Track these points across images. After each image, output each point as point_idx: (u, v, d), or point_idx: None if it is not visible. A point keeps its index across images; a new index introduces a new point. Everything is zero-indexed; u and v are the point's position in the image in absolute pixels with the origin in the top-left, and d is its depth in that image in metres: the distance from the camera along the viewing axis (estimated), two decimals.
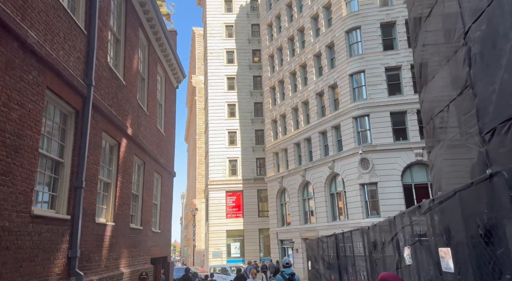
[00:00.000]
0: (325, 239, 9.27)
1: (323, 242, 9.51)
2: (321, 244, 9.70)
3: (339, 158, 23.87)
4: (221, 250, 34.88)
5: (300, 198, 27.96)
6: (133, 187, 10.37)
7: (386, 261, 6.00)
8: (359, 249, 7.33)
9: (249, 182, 36.84)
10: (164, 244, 13.85)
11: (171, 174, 15.19)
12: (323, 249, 9.48)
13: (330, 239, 8.83)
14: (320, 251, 9.72)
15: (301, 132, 28.09)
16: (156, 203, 13.26)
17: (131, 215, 10.33)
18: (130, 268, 9.54)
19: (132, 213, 10.33)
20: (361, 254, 7.13)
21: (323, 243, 9.48)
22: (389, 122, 22.07)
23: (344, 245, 8.04)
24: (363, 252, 6.94)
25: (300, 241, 26.96)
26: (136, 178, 10.87)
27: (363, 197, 22.14)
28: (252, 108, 38.91)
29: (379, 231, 6.26)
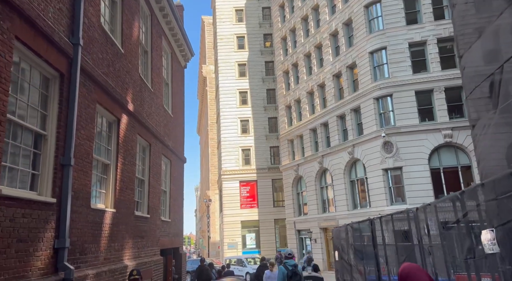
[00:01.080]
0: (357, 225, 8.02)
1: (354, 228, 8.26)
2: (351, 231, 8.45)
3: (360, 142, 22.43)
4: (236, 241, 33.99)
5: (317, 186, 26.68)
6: (137, 170, 9.29)
7: (446, 248, 4.69)
8: (403, 235, 6.03)
9: (263, 172, 35.71)
10: (175, 234, 12.83)
11: (181, 160, 14.10)
12: (354, 237, 8.23)
13: (364, 225, 7.57)
14: (351, 239, 8.48)
15: (318, 117, 26.68)
16: (165, 190, 12.20)
17: (136, 202, 9.27)
18: (136, 261, 8.50)
19: (137, 200, 9.27)
20: (407, 242, 5.83)
21: (354, 230, 8.22)
22: (414, 102, 20.48)
23: (382, 231, 6.74)
24: (411, 239, 5.63)
25: (318, 231, 25.76)
26: (141, 161, 9.78)
27: (387, 183, 20.71)
28: (265, 95, 37.57)
29: (435, 211, 4.96)
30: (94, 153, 6.86)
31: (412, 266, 2.55)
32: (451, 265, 4.86)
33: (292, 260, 7.40)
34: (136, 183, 9.31)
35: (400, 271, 2.55)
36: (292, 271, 7.06)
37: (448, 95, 20.09)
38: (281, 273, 7.16)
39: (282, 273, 7.13)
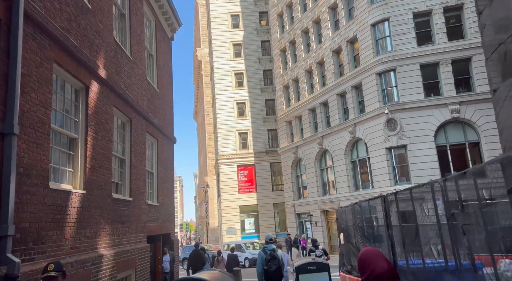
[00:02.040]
0: (366, 204, 6.99)
1: (362, 208, 7.24)
2: (358, 211, 7.43)
3: (361, 121, 21.33)
4: (235, 226, 33.26)
5: (317, 168, 25.70)
6: (115, 148, 8.19)
7: (488, 226, 3.66)
8: (427, 213, 5.00)
9: (261, 155, 34.71)
10: (165, 220, 11.83)
11: (170, 140, 12.99)
12: (363, 217, 7.21)
13: (374, 203, 6.54)
14: (358, 220, 7.46)
15: (317, 96, 25.48)
16: (152, 172, 11.12)
17: (115, 183, 8.20)
18: (116, 249, 7.48)
19: (116, 181, 8.20)
20: (431, 222, 4.81)
21: (363, 210, 7.20)
22: (419, 76, 19.30)
23: (399, 209, 5.70)
24: (437, 218, 4.59)
25: (318, 214, 24.93)
26: (120, 138, 8.67)
27: (390, 162, 19.72)
28: (261, 76, 36.23)
29: (474, 182, 3.89)
30: (54, 123, 5.74)
31: (372, 250, 2.44)
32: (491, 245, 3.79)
33: (272, 245, 7.59)
34: (114, 162, 8.22)
35: (359, 256, 2.45)
36: (270, 255, 7.24)
37: (455, 68, 18.90)
38: (259, 257, 7.39)
39: (261, 258, 7.34)
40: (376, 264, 2.36)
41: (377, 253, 2.46)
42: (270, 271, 7.06)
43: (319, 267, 6.88)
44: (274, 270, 6.99)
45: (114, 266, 7.19)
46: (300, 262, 7.33)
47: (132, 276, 8.36)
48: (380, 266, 2.34)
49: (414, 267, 5.53)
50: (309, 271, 6.77)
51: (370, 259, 2.42)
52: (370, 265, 2.37)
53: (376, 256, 2.42)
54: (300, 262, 7.33)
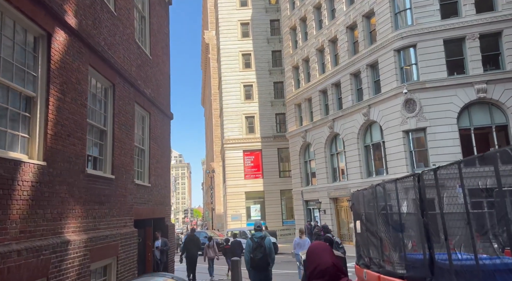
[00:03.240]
0: (391, 185, 5.64)
1: (386, 190, 5.88)
2: (381, 194, 6.07)
3: (377, 102, 19.77)
4: (240, 212, 32.23)
5: (327, 153, 24.29)
6: (91, 115, 6.93)
7: None
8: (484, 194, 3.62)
9: (268, 140, 33.36)
10: (159, 202, 10.65)
11: (165, 115, 11.71)
12: (387, 201, 5.86)
13: (404, 184, 5.17)
14: (380, 205, 6.11)
15: (328, 76, 23.88)
16: (143, 148, 9.89)
17: (92, 158, 6.97)
18: (90, 234, 6.29)
19: (92, 154, 6.96)
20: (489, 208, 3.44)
21: (387, 193, 5.85)
22: (442, 52, 17.59)
23: (439, 192, 4.34)
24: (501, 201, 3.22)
25: (328, 201, 23.65)
26: (100, 105, 7.40)
27: (407, 146, 18.22)
28: (270, 58, 34.60)
29: None
30: (1, 75, 4.48)
31: (319, 245, 2.40)
32: None
33: (260, 232, 7.48)
34: (92, 132, 6.97)
35: (307, 251, 2.43)
36: (257, 243, 7.17)
37: (483, 43, 17.14)
38: (247, 245, 7.32)
39: (248, 245, 7.27)
40: (321, 259, 2.25)
41: (324, 248, 2.37)
42: (255, 259, 6.98)
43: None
44: (260, 258, 6.90)
45: (86, 254, 6.00)
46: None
47: (112, 266, 7.19)
48: (325, 261, 2.23)
49: (461, 264, 4.18)
50: None
51: (315, 253, 2.32)
52: (315, 260, 2.27)
53: (322, 251, 2.32)
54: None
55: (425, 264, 4.84)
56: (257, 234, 7.34)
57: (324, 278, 2.16)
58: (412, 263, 5.31)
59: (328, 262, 2.20)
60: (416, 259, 5.23)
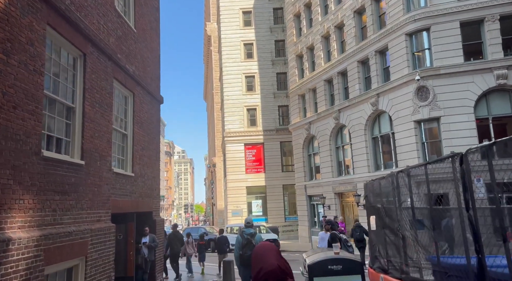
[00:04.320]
0: (420, 170, 4.38)
1: (414, 177, 4.65)
2: (405, 184, 4.84)
3: (386, 90, 18.47)
4: (241, 208, 31.08)
5: (332, 146, 23.04)
6: (50, 86, 5.76)
7: None
8: None
9: (270, 133, 32.12)
10: (145, 194, 9.49)
11: (153, 98, 10.52)
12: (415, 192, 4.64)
13: (440, 169, 3.94)
14: (404, 196, 4.90)
15: (334, 64, 22.57)
16: (125, 133, 8.71)
17: (52, 138, 5.81)
18: (45, 230, 5.14)
19: (52, 134, 5.80)
20: None
21: (415, 181, 4.62)
22: (458, 36, 16.23)
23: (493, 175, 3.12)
24: None
25: (332, 197, 22.44)
26: (66, 76, 6.21)
27: (419, 137, 16.94)
28: (273, 47, 33.25)
29: None
30: None
31: (264, 246, 2.30)
32: None
33: (251, 229, 7.38)
34: (52, 107, 5.80)
35: (252, 252, 2.25)
36: (246, 239, 7.07)
37: (504, 25, 15.76)
38: (237, 241, 7.25)
39: (238, 242, 7.20)
40: (266, 262, 2.13)
41: (269, 249, 2.24)
42: (244, 256, 6.79)
43: (347, 267, 4.36)
44: (249, 255, 6.39)
45: (37, 255, 4.85)
46: (314, 257, 4.76)
47: (80, 268, 6.04)
48: (269, 263, 2.10)
49: None
50: (330, 273, 4.28)
51: (260, 255, 2.19)
52: (259, 263, 2.14)
53: (266, 253, 2.20)
54: (314, 257, 4.76)
55: (470, 271, 3.64)
56: (247, 231, 7.24)
57: (269, 280, 1.93)
58: (448, 269, 4.10)
59: (273, 264, 2.00)
60: (455, 265, 4.01)
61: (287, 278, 2.05)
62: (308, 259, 4.79)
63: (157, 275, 10.04)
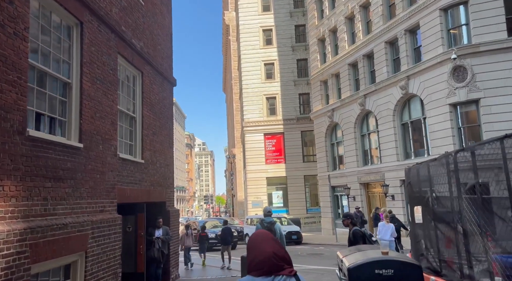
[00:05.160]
0: (493, 147, 3.27)
1: (482, 157, 3.56)
2: (466, 166, 3.76)
3: (417, 72, 17.02)
4: (262, 199, 30.29)
5: (357, 134, 21.77)
6: (38, 56, 4.97)
7: None
8: None
9: (290, 123, 31.02)
10: (156, 183, 8.74)
11: (165, 79, 9.71)
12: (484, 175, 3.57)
13: None
14: (467, 180, 3.83)
15: (359, 46, 21.17)
16: (134, 116, 7.94)
17: (46, 117, 5.05)
18: (33, 221, 4.40)
19: (43, 112, 5.03)
20: None
21: (485, 160, 3.54)
22: (500, 9, 14.59)
23: None
24: None
25: (358, 187, 21.25)
26: (56, 45, 5.43)
27: (455, 122, 15.50)
28: (293, 33, 31.95)
29: None
30: None
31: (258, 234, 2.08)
32: None
33: (271, 218, 7.43)
34: (41, 81, 5.03)
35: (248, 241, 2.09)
36: (266, 228, 7.10)
37: None
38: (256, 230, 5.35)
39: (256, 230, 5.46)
40: (259, 250, 1.91)
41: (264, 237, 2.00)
42: None
43: (401, 272, 3.34)
44: None
45: (21, 252, 4.10)
46: (355, 258, 3.73)
47: (78, 265, 5.31)
48: (263, 251, 1.89)
49: None
50: (378, 280, 3.34)
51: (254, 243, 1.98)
52: (253, 251, 1.94)
53: (261, 240, 1.97)
54: (355, 258, 3.73)
55: None
56: (267, 220, 7.27)
57: (263, 269, 1.85)
58: None
59: (267, 251, 1.87)
60: None
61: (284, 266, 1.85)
62: (346, 260, 3.81)
63: (172, 270, 9.33)
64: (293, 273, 1.87)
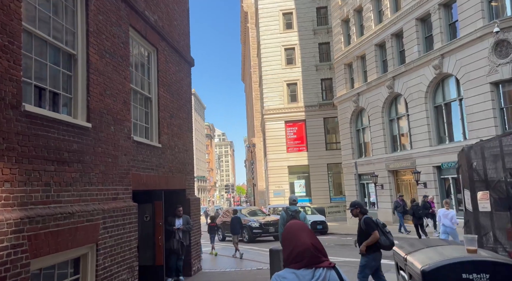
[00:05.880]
0: None
1: None
2: None
3: (453, 49, 15.67)
4: (283, 188, 29.58)
5: (385, 119, 20.58)
6: (34, 21, 4.33)
7: None
8: None
9: (312, 109, 29.96)
10: (176, 170, 8.13)
11: (182, 58, 9.00)
12: None
13: None
14: None
15: (387, 25, 19.83)
16: (149, 96, 7.29)
17: (44, 90, 4.43)
18: (32, 210, 3.81)
19: (40, 84, 4.41)
20: None
21: None
22: None
23: None
24: None
25: (386, 175, 20.17)
26: (60, 10, 4.77)
27: (497, 102, 14.18)
28: (314, 15, 30.62)
29: None
30: None
31: (295, 224, 2.03)
32: None
33: (295, 206, 7.52)
34: (39, 49, 4.39)
35: (283, 232, 2.05)
36: (291, 216, 7.15)
37: None
38: (281, 218, 7.42)
39: (282, 218, 7.35)
40: (298, 241, 1.88)
41: (301, 227, 1.97)
42: None
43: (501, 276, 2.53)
44: None
45: (18, 245, 3.51)
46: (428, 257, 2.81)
47: (88, 258, 4.73)
48: (302, 242, 1.86)
49: None
50: None
51: (291, 234, 1.94)
52: (291, 242, 1.90)
53: (299, 232, 1.94)
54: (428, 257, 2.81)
55: None
56: (292, 208, 7.37)
57: (303, 261, 1.82)
58: None
59: (306, 242, 1.84)
60: None
61: (322, 258, 1.71)
62: (415, 260, 2.95)
63: (193, 261, 8.77)
64: (332, 265, 1.82)
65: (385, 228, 5.59)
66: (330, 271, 1.79)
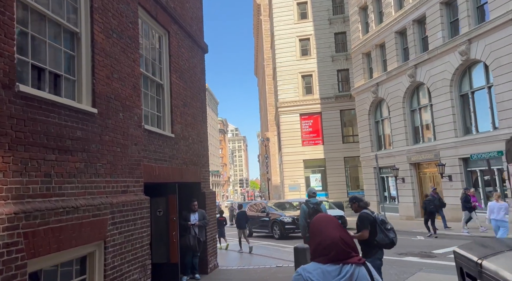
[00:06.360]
0: None
1: None
2: None
3: (481, 34, 14.71)
4: (299, 182, 28.97)
5: (407, 109, 19.70)
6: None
7: None
8: None
9: (328, 102, 29.15)
10: (190, 162, 7.65)
11: (195, 43, 8.48)
12: None
13: None
14: None
15: (408, 11, 18.88)
16: (161, 83, 6.81)
17: (47, 71, 3.97)
18: (28, 203, 3.35)
19: (39, 64, 3.94)
20: None
21: None
22: None
23: None
24: None
25: (407, 168, 19.35)
26: None
27: None
28: (330, 4, 29.71)
29: None
30: None
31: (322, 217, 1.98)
32: None
33: (315, 198, 7.49)
34: (37, 25, 3.92)
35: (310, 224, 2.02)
36: (313, 209, 7.16)
37: None
38: (302, 211, 7.42)
39: (303, 211, 7.35)
40: (325, 234, 1.83)
41: (329, 220, 1.92)
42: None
43: None
44: None
45: (13, 244, 3.07)
46: None
47: (95, 256, 4.29)
48: (330, 236, 1.81)
49: None
50: None
51: (318, 227, 1.90)
52: (318, 235, 1.87)
53: (326, 224, 1.90)
54: None
55: None
56: (312, 200, 7.38)
57: (330, 254, 1.76)
58: None
59: (334, 236, 1.79)
60: None
61: (351, 252, 1.66)
62: (497, 267, 2.33)
63: (210, 258, 8.32)
64: (361, 261, 1.74)
65: (386, 225, 4.96)
66: (359, 268, 1.71)
